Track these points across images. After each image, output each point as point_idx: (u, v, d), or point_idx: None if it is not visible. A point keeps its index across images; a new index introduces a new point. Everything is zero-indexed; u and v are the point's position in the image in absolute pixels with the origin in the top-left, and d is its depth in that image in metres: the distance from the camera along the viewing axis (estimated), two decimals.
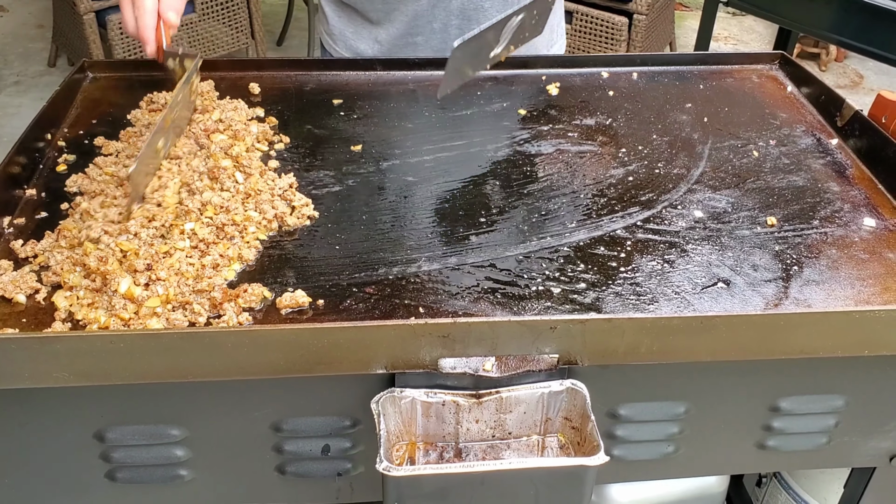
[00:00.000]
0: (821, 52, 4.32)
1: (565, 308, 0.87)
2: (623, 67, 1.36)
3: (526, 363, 0.81)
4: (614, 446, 0.90)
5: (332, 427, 0.85)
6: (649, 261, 0.93)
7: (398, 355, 0.78)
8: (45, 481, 0.86)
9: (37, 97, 3.74)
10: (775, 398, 0.90)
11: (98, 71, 1.29)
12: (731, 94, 1.31)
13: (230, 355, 0.76)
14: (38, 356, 0.74)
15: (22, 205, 0.99)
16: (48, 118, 1.12)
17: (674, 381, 0.87)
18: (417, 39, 1.36)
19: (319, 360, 0.77)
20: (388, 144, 1.15)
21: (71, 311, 0.83)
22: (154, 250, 0.87)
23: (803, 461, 0.98)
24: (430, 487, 0.78)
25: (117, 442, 0.83)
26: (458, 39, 0.98)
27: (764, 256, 0.95)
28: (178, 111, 1.04)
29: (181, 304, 0.83)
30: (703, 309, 0.87)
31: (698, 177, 1.10)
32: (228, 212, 0.94)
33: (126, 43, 3.27)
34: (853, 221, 1.01)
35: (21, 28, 4.42)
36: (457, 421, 0.83)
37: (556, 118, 1.23)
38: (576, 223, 1.00)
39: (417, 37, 1.36)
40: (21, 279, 0.86)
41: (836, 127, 1.20)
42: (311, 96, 1.26)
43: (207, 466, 0.87)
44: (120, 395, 0.81)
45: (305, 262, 0.92)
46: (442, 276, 0.91)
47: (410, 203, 1.03)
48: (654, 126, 1.21)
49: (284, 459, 0.87)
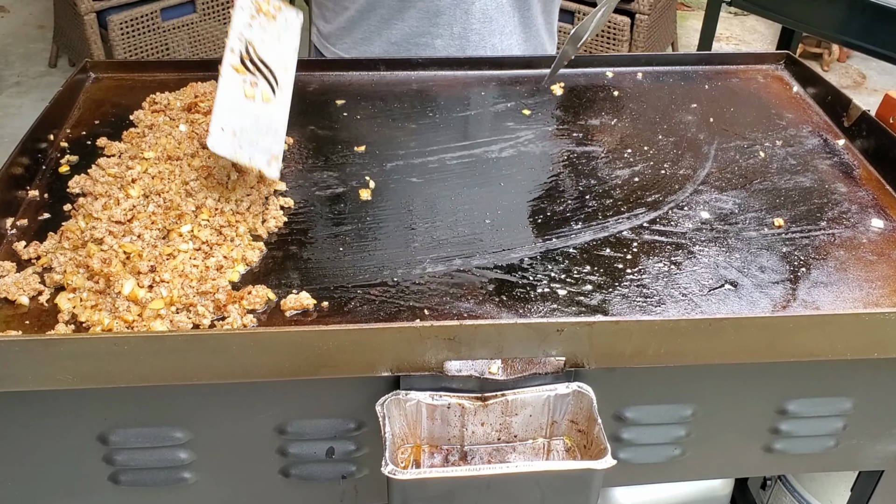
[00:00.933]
0: (823, 52, 4.31)
1: (571, 310, 0.86)
2: (628, 67, 1.35)
3: (532, 366, 0.80)
4: (620, 449, 0.90)
5: (336, 430, 0.84)
6: (656, 262, 0.93)
7: (403, 358, 0.78)
8: (48, 484, 0.86)
9: (38, 98, 3.74)
10: (783, 401, 0.89)
11: (100, 71, 1.28)
12: (737, 94, 1.30)
13: (234, 358, 0.75)
14: (42, 358, 0.73)
15: (25, 206, 0.99)
16: (51, 119, 1.12)
17: (681, 383, 0.87)
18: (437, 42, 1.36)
19: (324, 363, 0.76)
20: (392, 145, 1.14)
21: (74, 313, 0.82)
22: (158, 252, 0.87)
23: (810, 464, 0.98)
24: (435, 491, 0.77)
25: (120, 444, 0.83)
26: (575, 27, 1.05)
27: (771, 258, 0.94)
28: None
29: (185, 306, 0.83)
30: (710, 311, 0.86)
31: (704, 178, 1.09)
32: (223, 213, 0.94)
33: (127, 43, 3.27)
34: (861, 223, 1.01)
35: (22, 28, 4.42)
36: (462, 424, 0.82)
37: (560, 118, 1.22)
38: (581, 224, 0.99)
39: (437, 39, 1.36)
40: (24, 281, 0.85)
41: (843, 127, 1.20)
42: (313, 97, 1.26)
43: (211, 469, 0.86)
44: (123, 397, 0.80)
45: (309, 263, 0.92)
46: (447, 278, 0.90)
47: (415, 205, 1.02)
48: (660, 126, 1.21)
49: (288, 462, 0.86)
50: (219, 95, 0.91)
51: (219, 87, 0.93)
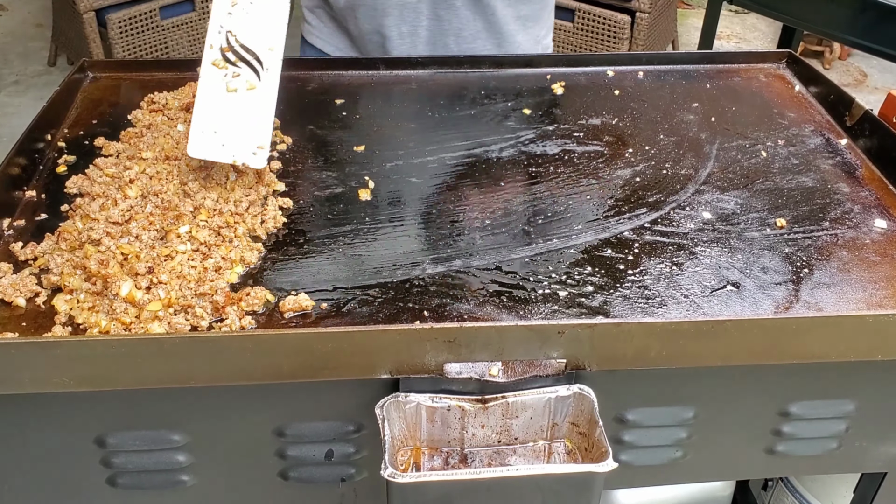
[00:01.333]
0: (824, 51, 4.31)
1: (573, 311, 0.85)
2: (629, 66, 1.35)
3: (533, 368, 0.80)
4: (622, 451, 0.89)
5: (335, 432, 0.84)
6: (657, 263, 0.92)
7: (403, 360, 0.77)
8: (46, 487, 0.85)
9: (36, 97, 3.73)
10: (785, 403, 0.89)
11: (98, 71, 1.27)
12: (739, 93, 1.29)
13: (233, 360, 0.74)
14: (39, 361, 0.73)
15: (22, 206, 0.98)
16: (48, 118, 1.11)
17: (682, 385, 0.86)
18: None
19: (323, 365, 0.76)
20: (392, 145, 1.14)
21: (71, 315, 0.82)
22: (155, 253, 0.86)
23: (813, 466, 0.97)
24: (435, 494, 0.77)
25: (118, 447, 0.82)
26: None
27: (774, 259, 0.94)
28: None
29: (183, 307, 0.82)
30: (712, 312, 0.86)
31: (706, 177, 1.08)
32: (221, 214, 0.93)
33: (126, 42, 3.26)
34: (864, 223, 1.00)
35: (20, 27, 4.41)
36: (462, 426, 0.82)
37: (561, 118, 1.21)
38: (582, 225, 0.98)
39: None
40: (21, 282, 0.85)
41: (846, 127, 1.19)
42: (312, 96, 1.25)
43: (209, 472, 0.86)
44: (121, 399, 0.80)
45: (309, 264, 0.91)
46: (447, 280, 0.89)
47: (414, 205, 1.02)
48: (661, 126, 1.20)
49: (287, 465, 0.86)
50: (198, 98, 0.90)
51: (198, 89, 0.91)
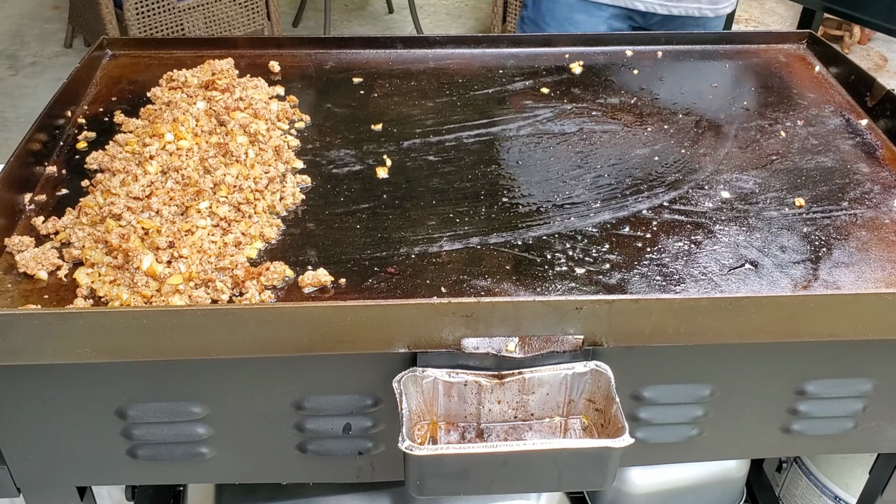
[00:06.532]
0: (844, 35, 4.25)
1: (590, 289, 0.85)
2: (647, 46, 1.34)
3: (550, 344, 0.80)
4: (638, 429, 0.89)
5: (353, 405, 0.84)
6: (675, 242, 0.92)
7: (421, 334, 0.78)
8: (67, 457, 0.86)
9: (53, 78, 3.74)
10: (802, 381, 0.89)
11: (118, 48, 1.28)
12: (758, 73, 1.28)
13: (253, 332, 0.75)
14: (61, 332, 0.74)
15: (43, 182, 0.99)
16: (68, 95, 1.12)
17: (699, 363, 0.86)
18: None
19: (342, 338, 0.76)
20: (409, 123, 1.14)
21: (93, 288, 0.83)
22: (176, 228, 0.87)
23: (829, 446, 0.97)
24: (452, 467, 0.77)
25: (139, 419, 0.83)
26: None
27: (792, 238, 0.93)
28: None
29: (203, 281, 0.83)
30: (730, 290, 0.85)
31: (725, 157, 1.08)
32: (241, 190, 0.94)
33: (142, 23, 3.26)
34: (883, 203, 0.99)
35: (37, 9, 4.42)
36: (479, 401, 0.82)
37: (579, 97, 1.21)
38: (600, 203, 0.98)
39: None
40: (43, 256, 0.86)
41: (866, 107, 1.18)
42: (330, 75, 1.25)
43: (228, 444, 0.87)
44: (142, 371, 0.81)
45: (327, 240, 0.91)
46: (464, 256, 0.89)
47: (432, 182, 1.02)
48: (680, 105, 1.19)
49: (305, 437, 0.86)
50: None
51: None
